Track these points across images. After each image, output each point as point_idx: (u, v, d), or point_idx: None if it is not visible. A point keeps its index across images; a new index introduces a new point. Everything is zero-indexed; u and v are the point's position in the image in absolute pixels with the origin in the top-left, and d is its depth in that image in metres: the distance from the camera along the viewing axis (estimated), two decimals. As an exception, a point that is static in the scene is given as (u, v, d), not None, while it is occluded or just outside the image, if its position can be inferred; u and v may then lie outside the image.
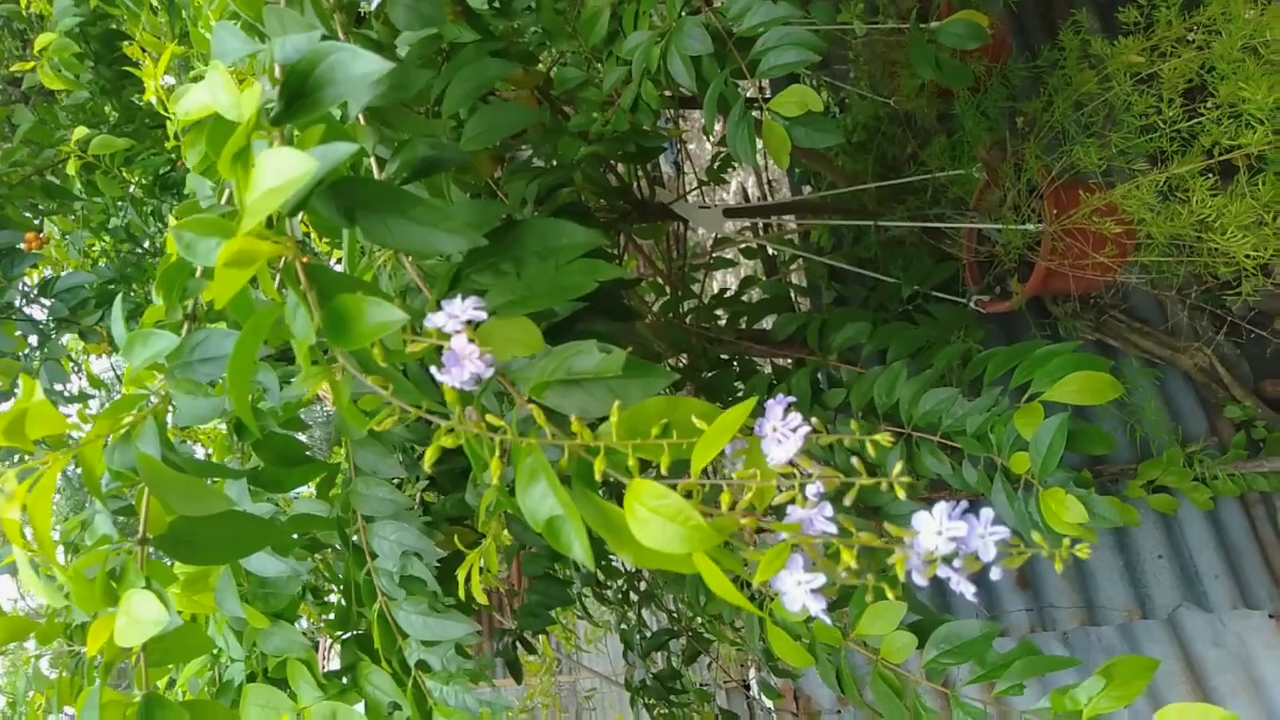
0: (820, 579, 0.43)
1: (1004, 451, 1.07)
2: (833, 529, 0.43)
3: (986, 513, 0.44)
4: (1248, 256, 1.37)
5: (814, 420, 0.45)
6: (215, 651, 1.13)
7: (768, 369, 1.55)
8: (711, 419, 0.46)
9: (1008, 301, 2.04)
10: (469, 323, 0.44)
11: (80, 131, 1.71)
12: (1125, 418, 2.43)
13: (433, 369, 0.45)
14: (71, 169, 1.77)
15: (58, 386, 1.79)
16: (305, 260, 0.46)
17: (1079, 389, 1.03)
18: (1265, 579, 2.62)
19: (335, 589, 1.13)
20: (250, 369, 0.46)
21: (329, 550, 1.19)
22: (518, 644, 1.31)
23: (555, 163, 1.18)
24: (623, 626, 1.55)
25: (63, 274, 1.79)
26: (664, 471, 0.45)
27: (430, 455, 0.46)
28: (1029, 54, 2.12)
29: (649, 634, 1.53)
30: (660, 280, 2.13)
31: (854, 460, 0.43)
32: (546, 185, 1.00)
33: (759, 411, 0.45)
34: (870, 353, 1.30)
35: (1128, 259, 1.73)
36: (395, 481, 1.08)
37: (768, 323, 1.71)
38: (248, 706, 1.03)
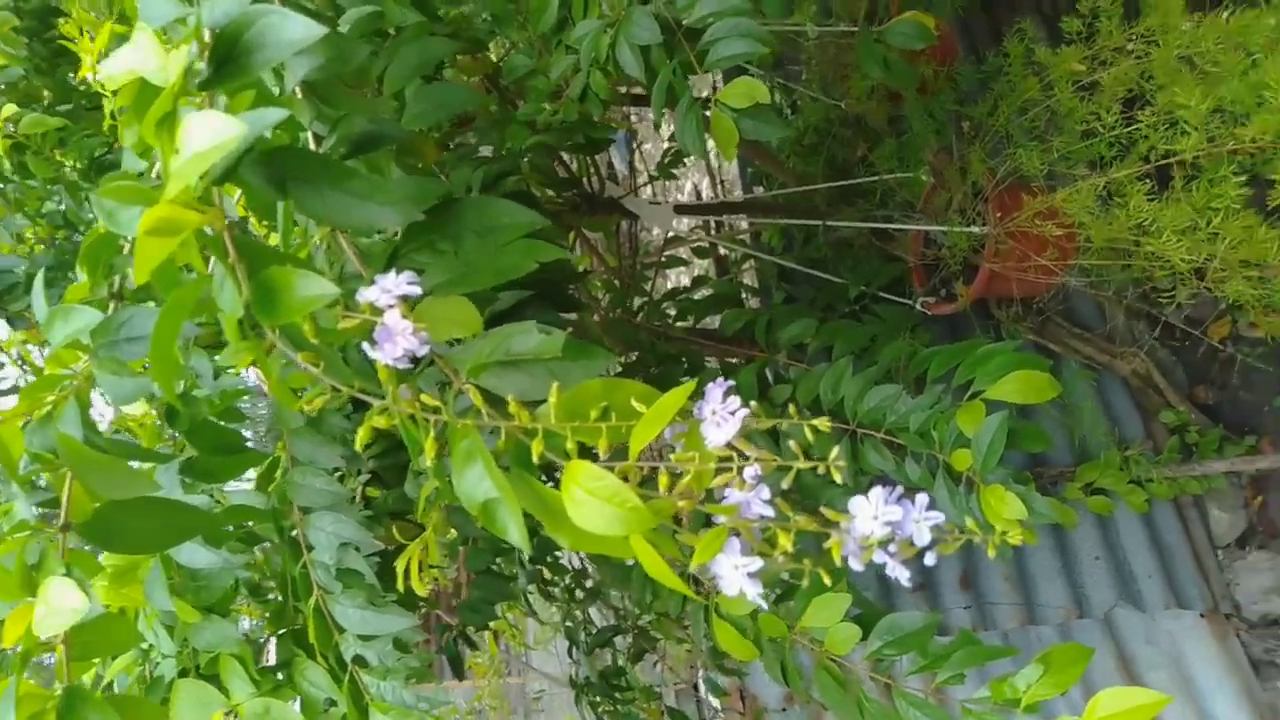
0: (757, 563, 0.43)
1: (946, 448, 1.08)
2: (770, 512, 0.43)
3: (922, 498, 0.44)
4: (1182, 260, 1.41)
5: (753, 404, 0.45)
6: (145, 646, 1.09)
7: (716, 366, 1.55)
8: (651, 401, 0.45)
9: (953, 304, 2.07)
10: (403, 298, 0.43)
11: (9, 109, 1.65)
12: (1064, 420, 2.48)
13: (365, 345, 0.44)
14: (0, 148, 1.71)
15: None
16: (233, 231, 0.44)
17: (1019, 387, 1.05)
18: (1196, 579, 2.70)
19: (273, 585, 1.11)
20: (174, 345, 0.44)
21: (268, 544, 1.16)
22: (459, 640, 1.29)
23: (503, 152, 1.17)
24: (567, 624, 1.54)
25: (-9, 259, 1.72)
26: (602, 454, 0.45)
27: (362, 435, 0.45)
28: (976, 60, 2.16)
29: (595, 631, 1.52)
30: (611, 277, 2.13)
31: (792, 444, 0.43)
32: (492, 173, 0.98)
33: (699, 395, 0.45)
34: (816, 350, 1.31)
35: (1068, 262, 1.77)
36: (335, 473, 1.06)
37: (717, 321, 1.72)
38: (179, 703, 1.00)
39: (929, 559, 0.45)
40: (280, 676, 0.97)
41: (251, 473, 1.11)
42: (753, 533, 0.44)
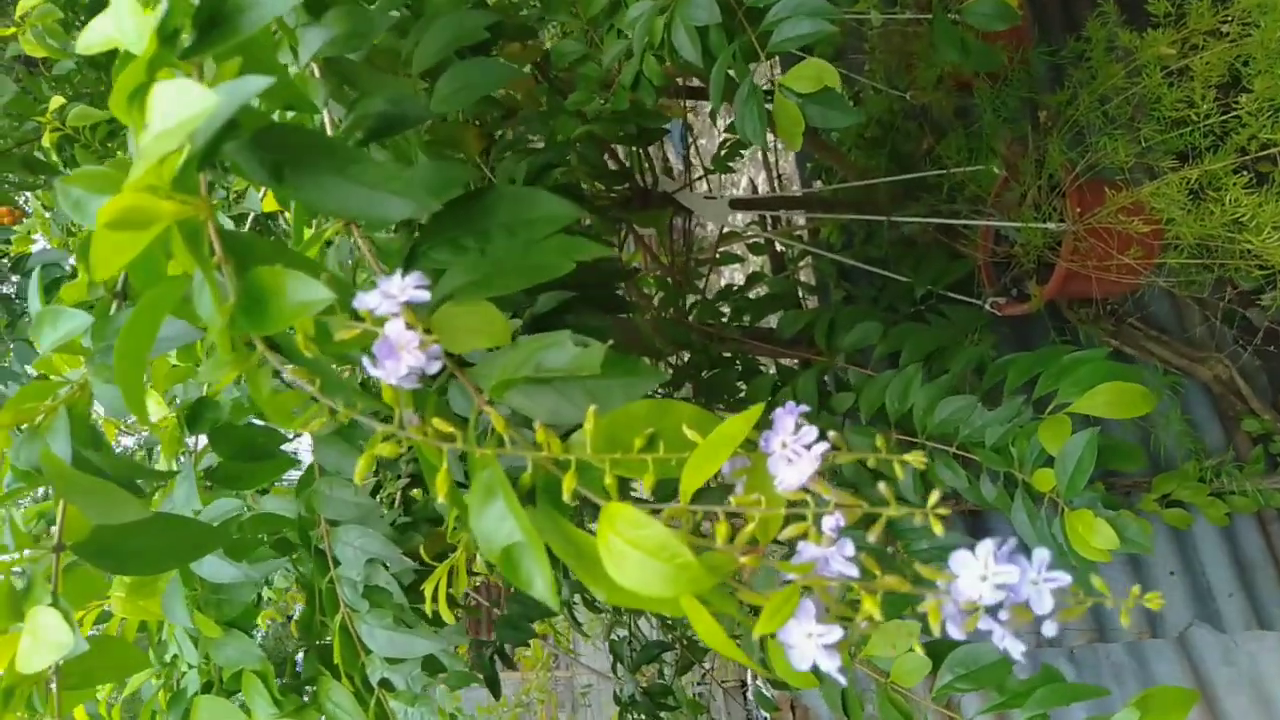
0: (836, 632, 0.35)
1: (1027, 466, 0.99)
2: (853, 571, 0.35)
3: (1041, 555, 0.36)
4: (1286, 260, 1.28)
5: (831, 434, 0.37)
6: (169, 657, 1.05)
7: (772, 370, 1.47)
8: (708, 430, 0.38)
9: (1025, 304, 1.95)
10: (408, 304, 0.36)
11: (56, 101, 1.63)
12: (1148, 428, 2.34)
13: (365, 360, 0.37)
14: (48, 141, 1.69)
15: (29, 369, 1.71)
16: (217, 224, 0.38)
17: (1110, 400, 0.95)
18: (1281, 599, 2.54)
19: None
20: (144, 354, 0.38)
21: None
22: (496, 657, 1.23)
23: (552, 144, 1.10)
24: (612, 637, 1.47)
25: (34, 249, 1.71)
26: (647, 493, 0.37)
27: (362, 467, 0.38)
28: (1050, 46, 2.03)
29: (642, 646, 1.45)
30: (664, 275, 2.05)
31: (881, 486, 0.35)
32: (537, 164, 0.91)
33: (765, 423, 0.37)
34: (882, 354, 1.22)
35: (1154, 261, 1.65)
36: (371, 479, 1.00)
37: (773, 322, 1.63)
38: (198, 719, 0.95)
39: (1049, 629, 0.37)
40: (306, 697, 0.92)
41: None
42: (830, 593, 0.36)
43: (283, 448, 0.92)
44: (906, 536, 0.98)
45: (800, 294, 2.08)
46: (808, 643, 0.35)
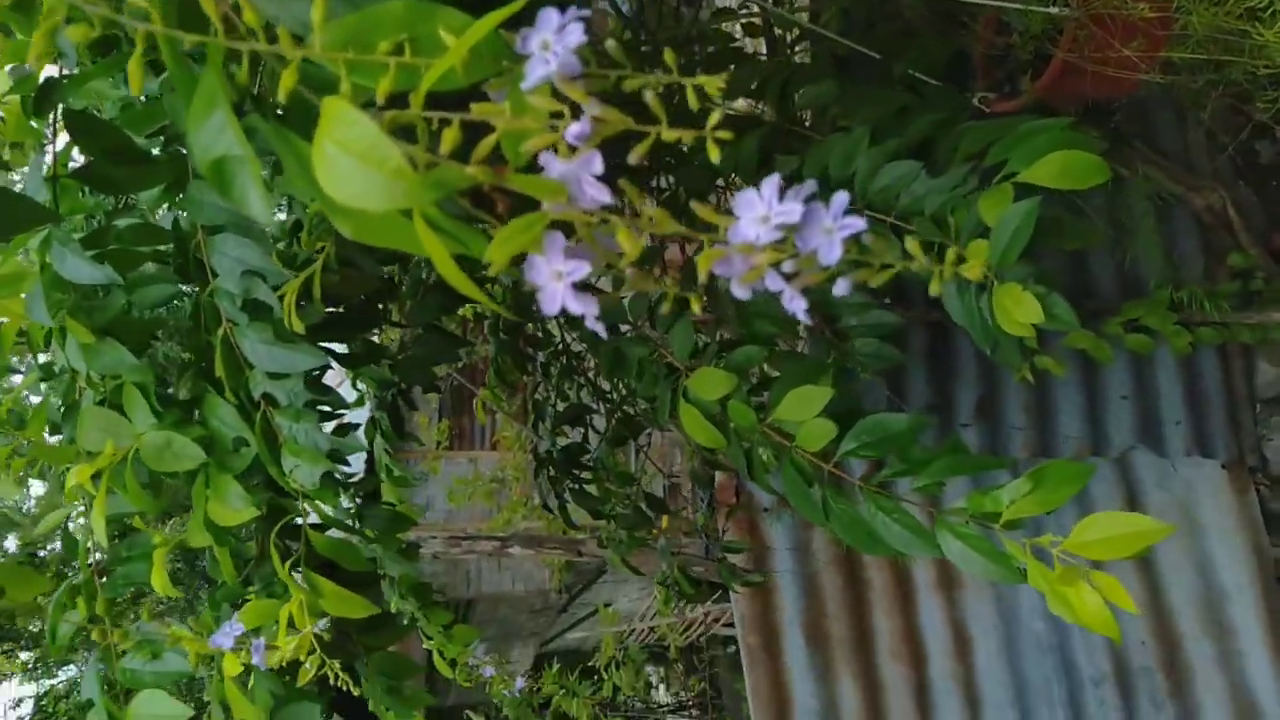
0: (585, 267, 0.29)
1: (963, 236, 0.93)
2: (605, 197, 0.29)
3: (840, 198, 0.30)
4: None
5: (610, 43, 0.30)
6: (62, 369, 1.02)
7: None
8: (465, 32, 0.31)
9: (1016, 100, 1.83)
10: None
11: None
12: (1125, 248, 2.28)
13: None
14: None
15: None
16: None
17: (1060, 170, 0.88)
18: (1226, 430, 2.56)
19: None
20: None
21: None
22: (399, 398, 1.21)
23: None
24: (535, 397, 1.45)
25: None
26: (380, 100, 0.31)
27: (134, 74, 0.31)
28: None
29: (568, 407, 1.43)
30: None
31: (648, 96, 0.29)
32: None
33: (531, 21, 0.30)
34: (837, 116, 1.13)
35: (1157, 54, 1.52)
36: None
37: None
38: (85, 429, 0.93)
39: (840, 287, 0.31)
40: (186, 412, 0.89)
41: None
42: (588, 230, 0.30)
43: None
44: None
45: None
46: (556, 283, 0.30)
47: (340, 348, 1.13)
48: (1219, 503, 2.51)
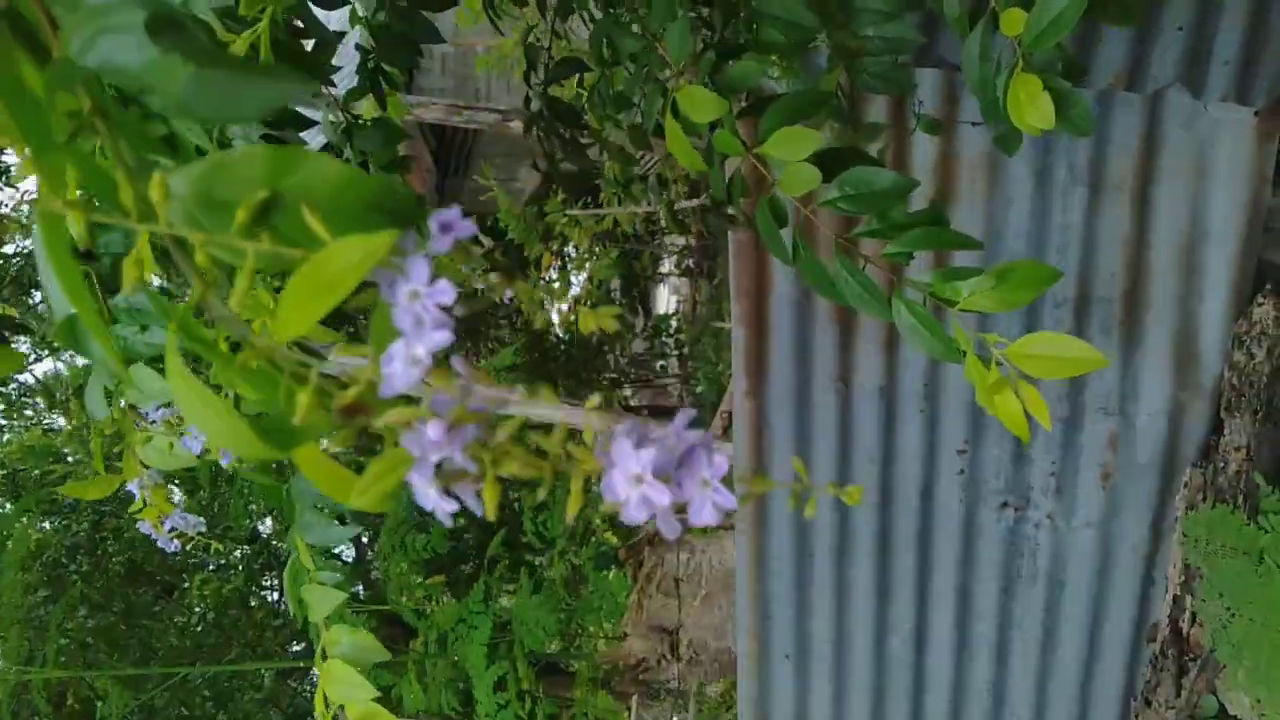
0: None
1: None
2: (472, 467, 0.29)
3: (721, 461, 0.29)
4: None
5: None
6: None
7: None
8: (354, 204, 0.27)
9: None
10: None
11: None
12: None
13: None
14: None
15: None
16: None
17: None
18: (1273, 78, 2.39)
19: None
20: None
21: None
22: (379, 76, 1.08)
23: None
24: (529, 41, 1.30)
25: None
26: (234, 302, 0.28)
27: None
28: None
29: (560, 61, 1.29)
30: None
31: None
32: None
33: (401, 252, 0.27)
34: None
35: None
36: None
37: None
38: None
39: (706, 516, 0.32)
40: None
41: None
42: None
43: None
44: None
45: None
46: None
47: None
48: (1238, 149, 2.44)
